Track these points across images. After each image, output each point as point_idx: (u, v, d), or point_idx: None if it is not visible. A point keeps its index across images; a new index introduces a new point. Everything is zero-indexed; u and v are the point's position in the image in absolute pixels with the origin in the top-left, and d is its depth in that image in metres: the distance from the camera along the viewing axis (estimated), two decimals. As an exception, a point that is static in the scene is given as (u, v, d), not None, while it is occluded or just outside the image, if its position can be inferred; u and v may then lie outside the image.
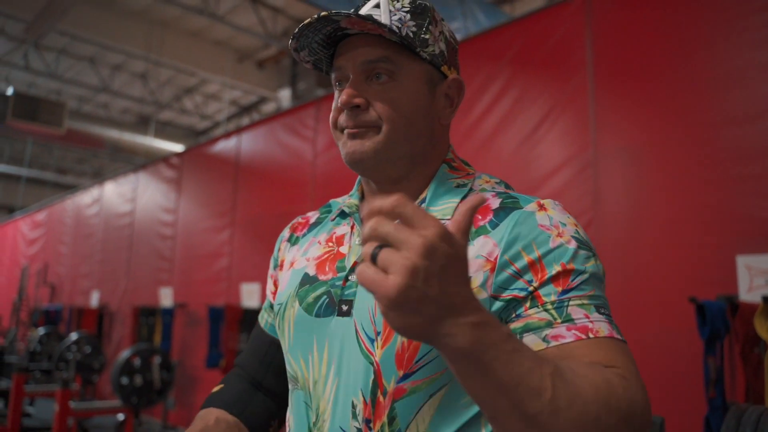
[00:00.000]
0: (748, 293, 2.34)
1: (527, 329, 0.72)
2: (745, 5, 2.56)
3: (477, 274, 0.75)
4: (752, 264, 2.36)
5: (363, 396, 0.75)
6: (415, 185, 0.88)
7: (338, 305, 0.81)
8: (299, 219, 1.04)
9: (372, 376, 0.75)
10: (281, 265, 0.99)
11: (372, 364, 0.76)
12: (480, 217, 0.81)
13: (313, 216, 1.02)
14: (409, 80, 0.84)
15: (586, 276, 0.75)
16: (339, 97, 0.86)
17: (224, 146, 5.94)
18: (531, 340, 0.71)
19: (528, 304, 0.73)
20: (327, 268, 0.87)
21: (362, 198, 0.95)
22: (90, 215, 8.51)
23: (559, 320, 0.71)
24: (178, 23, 9.40)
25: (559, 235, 0.76)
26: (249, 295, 5.00)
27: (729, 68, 2.59)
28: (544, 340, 0.70)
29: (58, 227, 9.58)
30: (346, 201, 0.95)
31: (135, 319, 6.28)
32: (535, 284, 0.74)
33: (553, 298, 0.73)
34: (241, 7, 8.70)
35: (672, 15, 2.82)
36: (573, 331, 0.70)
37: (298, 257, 0.94)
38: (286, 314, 0.87)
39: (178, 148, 10.24)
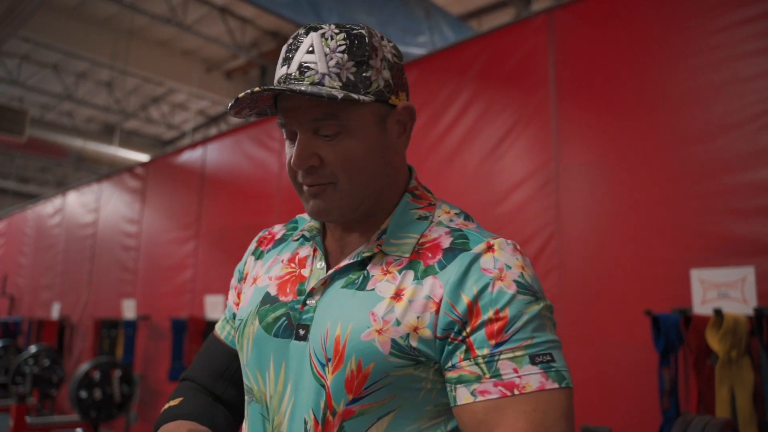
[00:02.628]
0: (701, 306, 2.40)
1: (460, 381, 0.75)
2: (705, 25, 2.64)
3: (425, 315, 0.77)
4: (705, 277, 2.42)
5: (314, 414, 0.80)
6: (380, 218, 0.89)
7: (296, 329, 0.84)
8: (266, 233, 1.05)
9: (323, 398, 0.79)
10: (245, 279, 1.00)
11: (323, 387, 0.80)
12: (430, 256, 0.82)
13: (279, 231, 1.03)
14: (359, 128, 0.82)
15: (521, 323, 0.75)
16: (290, 149, 0.85)
17: (190, 157, 5.88)
18: (462, 393, 0.75)
19: (462, 355, 0.76)
20: (288, 290, 0.88)
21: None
22: (52, 225, 8.32)
23: (487, 375, 0.74)
24: (146, 32, 9.31)
25: (500, 278, 0.77)
26: (213, 308, 4.94)
27: (689, 87, 2.67)
28: (472, 394, 0.74)
29: (18, 237, 9.34)
30: (308, 224, 0.96)
31: (96, 332, 6.14)
32: (469, 329, 0.76)
33: (485, 351, 0.74)
34: (209, 17, 8.66)
35: (633, 33, 2.89)
36: (499, 388, 0.72)
37: (261, 274, 0.96)
38: (245, 330, 0.90)
39: (143, 157, 10.11)
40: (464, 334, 0.76)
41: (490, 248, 0.80)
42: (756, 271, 2.34)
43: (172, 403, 0.94)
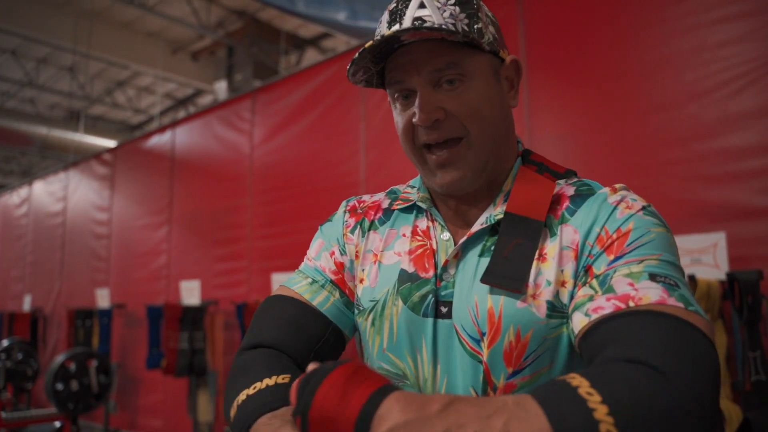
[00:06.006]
0: (675, 272, 2.43)
1: (575, 309, 0.72)
2: (667, -6, 2.64)
3: (567, 266, 0.76)
4: (678, 244, 2.45)
5: (475, 392, 0.77)
6: (497, 183, 0.86)
7: (438, 307, 0.81)
8: (359, 202, 0.96)
9: (481, 374, 0.76)
10: (357, 254, 0.92)
11: (480, 363, 0.77)
12: (558, 207, 0.81)
13: (382, 201, 0.95)
14: (479, 77, 0.80)
15: (646, 238, 0.72)
16: (404, 112, 0.82)
17: (158, 141, 5.77)
18: (577, 319, 0.70)
19: (581, 283, 0.74)
20: (426, 265, 0.84)
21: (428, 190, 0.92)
22: (19, 216, 8.14)
23: (599, 292, 0.69)
24: (108, 14, 9.05)
25: (629, 207, 0.76)
26: (189, 293, 4.89)
27: (658, 55, 2.67)
28: (585, 314, 0.68)
29: (-16, 229, 9.13)
30: (419, 195, 0.90)
31: (71, 323, 6.04)
32: (593, 258, 0.74)
33: (602, 269, 0.71)
34: (172, -3, 8.44)
35: (602, 4, 2.88)
36: (613, 301, 0.66)
37: (382, 249, 0.89)
38: (386, 312, 0.85)
39: (110, 143, 9.89)
40: (589, 262, 0.74)
41: (614, 189, 0.80)
42: (727, 236, 2.37)
43: (280, 380, 0.76)
